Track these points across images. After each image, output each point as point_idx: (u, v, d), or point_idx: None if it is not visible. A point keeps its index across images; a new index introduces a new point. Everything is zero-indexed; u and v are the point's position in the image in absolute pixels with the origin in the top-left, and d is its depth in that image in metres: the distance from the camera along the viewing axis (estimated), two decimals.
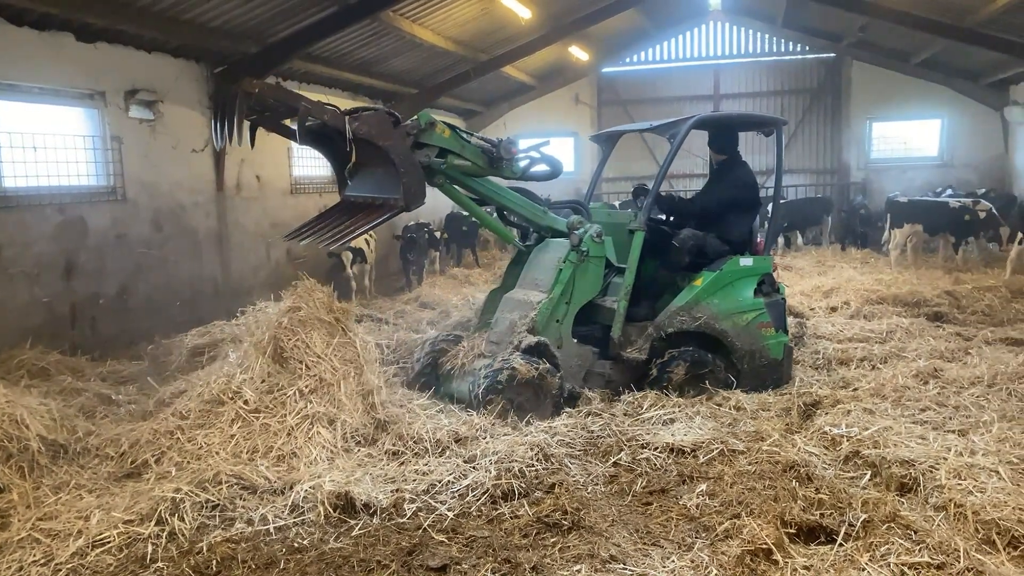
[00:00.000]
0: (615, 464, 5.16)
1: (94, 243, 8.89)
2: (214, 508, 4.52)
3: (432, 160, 6.13)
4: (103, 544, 4.12)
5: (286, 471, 4.98)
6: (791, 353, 7.18)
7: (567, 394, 6.36)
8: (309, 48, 11.15)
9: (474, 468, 4.96)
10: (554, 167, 6.75)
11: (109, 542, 4.12)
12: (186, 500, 4.48)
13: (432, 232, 14.11)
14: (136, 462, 5.15)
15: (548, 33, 15.87)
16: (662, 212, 7.61)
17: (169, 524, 4.28)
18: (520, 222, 7.13)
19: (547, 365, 6.14)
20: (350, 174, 6.36)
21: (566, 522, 4.26)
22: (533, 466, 4.96)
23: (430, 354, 6.99)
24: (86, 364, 7.70)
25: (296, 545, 4.16)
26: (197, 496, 4.55)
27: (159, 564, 3.96)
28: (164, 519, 4.30)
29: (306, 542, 4.20)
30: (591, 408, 6.21)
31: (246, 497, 4.67)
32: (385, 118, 5.88)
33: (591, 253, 6.62)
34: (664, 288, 7.10)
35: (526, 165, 6.62)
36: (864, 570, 3.67)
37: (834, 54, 19.35)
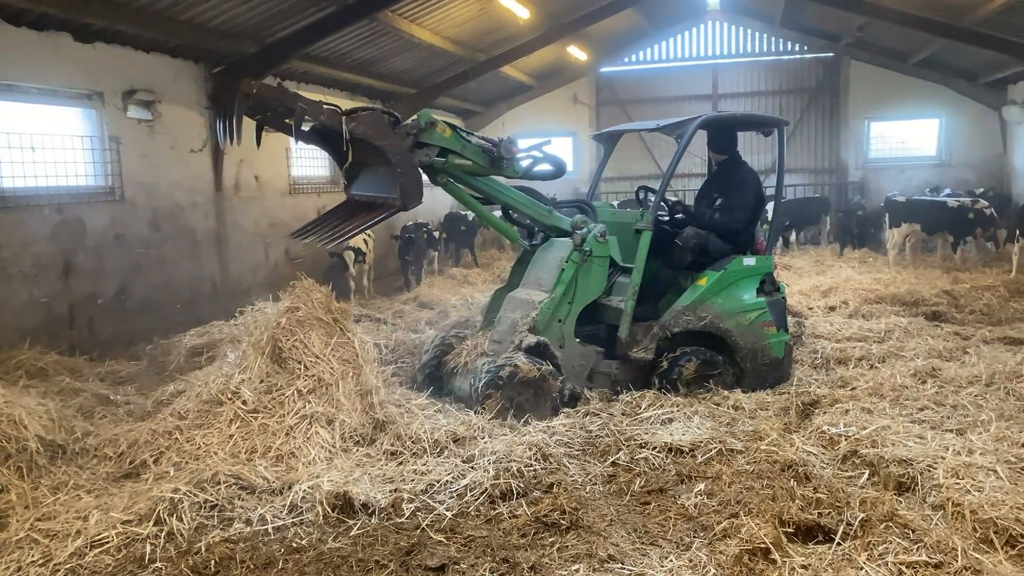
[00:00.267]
0: (613, 464, 5.17)
1: (92, 243, 8.89)
2: (212, 508, 4.52)
3: (434, 160, 6.13)
4: (102, 544, 4.11)
5: (284, 471, 4.98)
6: (791, 352, 7.21)
7: (567, 396, 6.36)
8: (307, 48, 11.14)
9: (472, 468, 4.96)
10: (557, 166, 6.75)
11: (107, 542, 4.12)
12: (184, 500, 4.47)
13: (431, 232, 14.11)
14: (134, 462, 5.15)
15: (546, 33, 15.86)
16: (674, 214, 7.59)
17: (167, 524, 4.28)
18: (525, 221, 7.14)
19: (550, 367, 6.16)
20: (354, 173, 6.37)
21: (564, 522, 4.26)
22: (531, 466, 4.97)
23: (438, 347, 7.03)
24: (84, 364, 7.69)
25: (294, 545, 4.17)
26: (195, 496, 4.54)
27: (157, 564, 3.96)
28: (162, 519, 4.30)
29: (304, 542, 4.20)
30: (589, 408, 6.22)
31: (244, 497, 4.67)
32: (381, 118, 5.88)
33: (595, 253, 6.60)
34: (666, 287, 7.11)
35: (529, 164, 6.60)
36: (862, 569, 3.68)
37: (832, 54, 19.35)
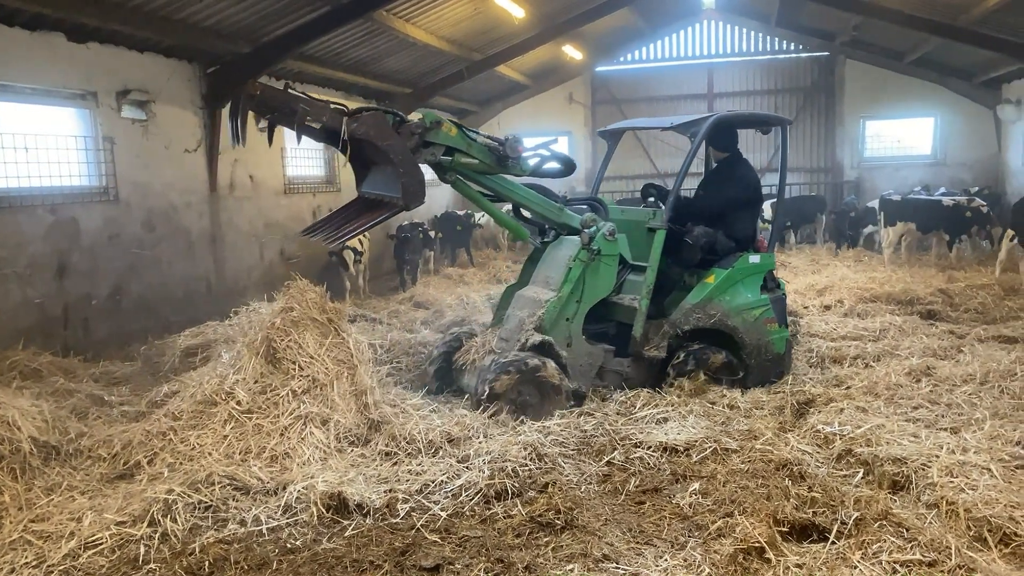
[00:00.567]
0: (608, 463, 5.17)
1: (87, 244, 8.86)
2: (207, 509, 4.51)
3: (440, 158, 6.14)
4: (95, 546, 4.11)
5: (279, 472, 4.97)
6: (791, 347, 7.27)
7: (572, 401, 6.31)
8: (302, 48, 11.12)
9: (467, 468, 4.96)
10: (566, 163, 6.73)
11: (101, 543, 4.12)
12: (179, 501, 4.47)
13: (426, 231, 14.10)
14: (128, 463, 5.14)
15: (542, 32, 15.84)
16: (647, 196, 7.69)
17: (162, 525, 4.27)
18: (535, 219, 7.13)
19: (567, 383, 6.18)
20: (365, 171, 6.37)
21: (559, 521, 4.26)
22: (526, 465, 4.97)
23: (449, 343, 7.07)
24: (78, 365, 7.68)
25: (289, 546, 4.16)
26: (190, 497, 4.54)
27: (151, 565, 3.95)
28: (156, 520, 4.30)
29: (299, 543, 4.19)
30: (584, 407, 6.22)
31: (239, 498, 4.67)
32: (383, 118, 5.86)
33: (603, 251, 6.58)
34: (672, 285, 7.13)
35: (536, 162, 6.57)
36: (856, 568, 3.69)
37: (828, 53, 19.37)
